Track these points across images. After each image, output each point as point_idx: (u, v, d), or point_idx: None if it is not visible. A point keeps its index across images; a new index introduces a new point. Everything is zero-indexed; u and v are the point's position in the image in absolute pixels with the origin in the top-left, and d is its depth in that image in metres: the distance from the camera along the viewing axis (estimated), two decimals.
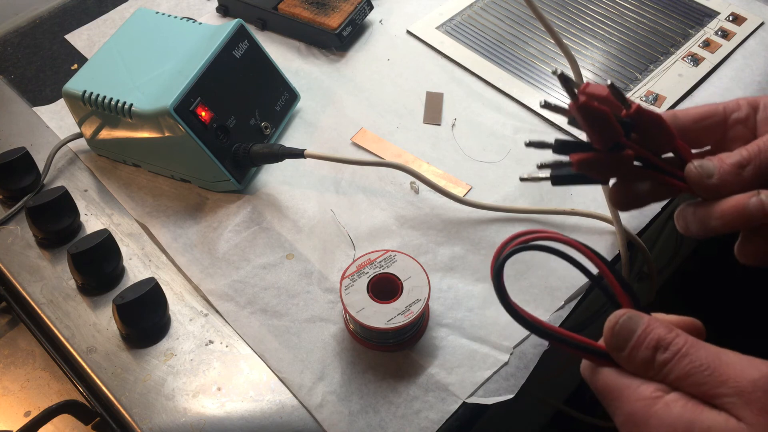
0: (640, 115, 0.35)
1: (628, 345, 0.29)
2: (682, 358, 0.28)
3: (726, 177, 0.34)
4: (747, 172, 0.34)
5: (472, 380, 0.53)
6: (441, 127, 0.69)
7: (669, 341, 0.29)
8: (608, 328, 0.30)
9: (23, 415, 0.52)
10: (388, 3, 0.82)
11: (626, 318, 0.30)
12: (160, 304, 0.55)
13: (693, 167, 0.35)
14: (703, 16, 0.79)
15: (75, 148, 0.68)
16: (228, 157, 0.62)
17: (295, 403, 0.52)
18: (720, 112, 0.38)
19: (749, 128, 0.37)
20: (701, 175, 0.35)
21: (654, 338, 0.29)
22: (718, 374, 0.27)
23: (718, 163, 0.35)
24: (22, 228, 0.62)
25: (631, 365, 0.29)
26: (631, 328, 0.29)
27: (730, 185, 0.34)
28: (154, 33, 0.65)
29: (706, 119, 0.37)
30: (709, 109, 0.38)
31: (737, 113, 0.37)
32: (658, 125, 0.35)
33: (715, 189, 0.34)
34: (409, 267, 0.53)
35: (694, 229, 0.35)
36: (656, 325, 0.29)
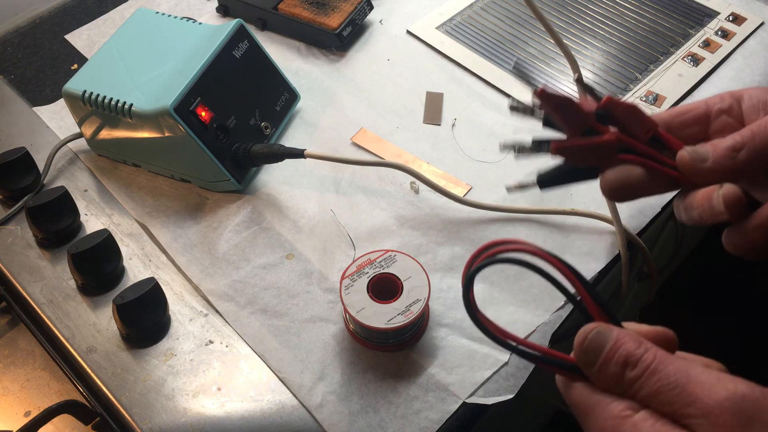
0: (613, 105, 0.34)
1: (598, 361, 0.29)
2: (651, 376, 0.27)
3: (720, 160, 0.34)
4: (741, 155, 0.33)
5: (472, 380, 0.53)
6: (441, 127, 0.69)
7: (638, 357, 0.28)
8: (578, 344, 0.29)
9: (23, 415, 0.52)
10: (388, 3, 0.82)
11: (595, 333, 0.29)
12: (160, 304, 0.55)
13: (686, 152, 0.35)
14: (703, 16, 0.79)
15: (75, 148, 0.68)
16: (228, 157, 0.62)
17: (295, 403, 0.52)
18: (701, 106, 0.37)
19: (735, 118, 0.37)
20: (695, 159, 0.34)
21: (623, 354, 0.28)
22: (686, 393, 0.26)
23: (712, 147, 0.34)
24: (22, 228, 0.62)
25: (602, 381, 0.29)
26: (600, 343, 0.29)
27: (724, 170, 0.34)
28: (154, 33, 0.65)
29: (688, 112, 0.37)
30: (691, 104, 0.38)
31: (720, 104, 0.37)
32: (634, 114, 0.35)
33: (710, 173, 0.34)
34: (409, 267, 0.53)
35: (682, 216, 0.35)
36: (625, 340, 0.28)
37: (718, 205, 0.33)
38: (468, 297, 0.30)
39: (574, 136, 0.34)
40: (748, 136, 0.34)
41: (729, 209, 0.33)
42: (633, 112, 0.35)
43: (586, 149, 0.34)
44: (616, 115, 0.35)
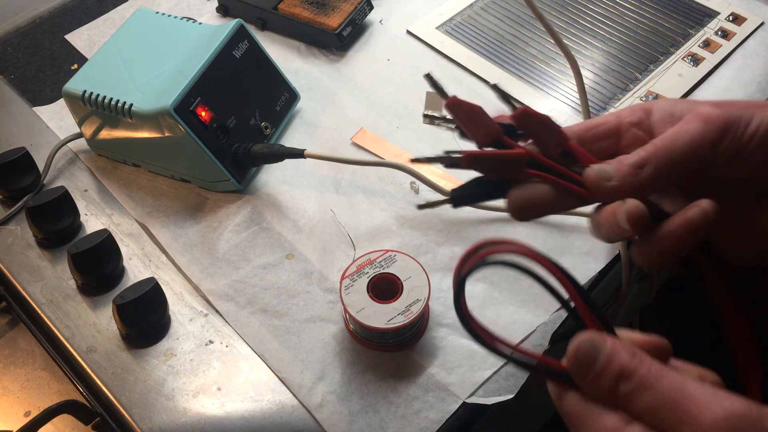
0: (527, 116, 0.34)
1: (591, 372, 0.28)
2: (645, 390, 0.26)
3: (625, 178, 0.33)
4: (645, 172, 0.33)
5: (472, 380, 0.53)
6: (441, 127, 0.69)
7: (632, 370, 0.27)
8: (571, 354, 0.28)
9: (23, 415, 0.52)
10: (388, 3, 0.82)
11: (588, 343, 0.28)
12: (160, 304, 0.55)
13: (591, 170, 0.34)
14: (703, 16, 0.79)
15: (75, 148, 0.68)
16: (228, 157, 0.62)
17: (295, 403, 0.52)
18: (612, 119, 0.37)
19: (645, 131, 0.36)
20: (600, 178, 0.34)
21: (616, 367, 0.27)
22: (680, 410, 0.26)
23: (616, 165, 0.33)
24: (22, 228, 0.62)
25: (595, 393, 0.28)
26: (593, 354, 0.28)
27: (630, 187, 0.33)
28: (154, 33, 0.65)
29: (600, 126, 0.37)
30: (602, 118, 0.37)
31: (630, 117, 0.36)
32: (546, 126, 0.34)
33: (616, 192, 0.33)
34: (409, 267, 0.53)
35: (594, 233, 0.35)
36: (619, 351, 0.27)
37: (622, 222, 0.32)
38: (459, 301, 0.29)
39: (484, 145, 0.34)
40: (651, 152, 0.33)
41: (632, 225, 0.32)
42: (545, 124, 0.34)
43: (494, 161, 0.33)
44: (528, 127, 0.34)
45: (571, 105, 0.71)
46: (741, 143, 0.33)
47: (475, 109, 0.33)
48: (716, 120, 0.33)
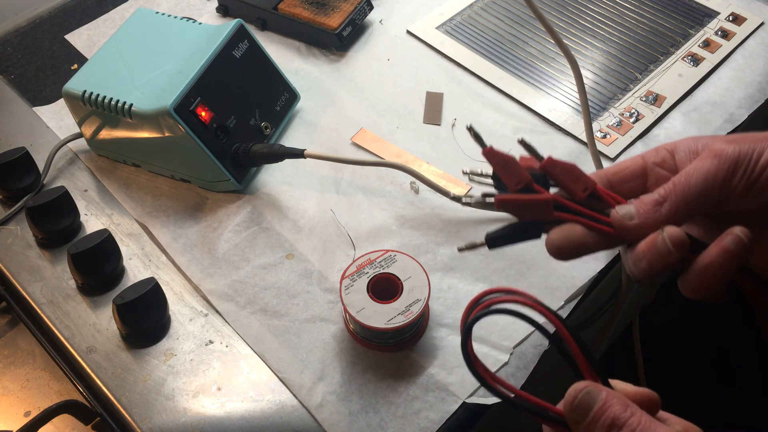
0: (553, 165, 0.37)
1: (585, 420, 0.30)
2: None
3: (646, 216, 0.35)
4: (664, 209, 0.35)
5: (472, 380, 0.53)
6: (441, 127, 0.69)
7: (623, 421, 0.29)
8: (567, 401, 0.31)
9: (23, 415, 0.52)
10: (388, 3, 0.82)
11: (585, 393, 0.31)
12: (160, 304, 0.55)
13: (615, 212, 0.36)
14: (703, 16, 0.79)
15: (75, 148, 0.68)
16: (228, 157, 0.62)
17: (295, 403, 0.52)
18: (638, 161, 0.39)
19: (669, 170, 0.38)
20: (623, 218, 0.36)
21: (609, 416, 0.30)
22: None
23: (638, 204, 0.36)
24: (22, 228, 0.62)
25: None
26: (588, 403, 0.30)
27: (651, 224, 0.35)
28: (154, 33, 0.65)
29: (626, 169, 0.39)
30: (629, 161, 0.39)
31: (654, 158, 0.38)
32: (571, 172, 0.37)
33: (638, 230, 0.35)
34: (409, 267, 0.53)
35: (633, 271, 0.36)
36: (613, 402, 0.30)
37: (664, 248, 0.34)
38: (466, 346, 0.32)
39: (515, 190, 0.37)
40: (670, 189, 0.35)
41: (677, 248, 0.34)
42: (570, 171, 0.37)
43: (524, 204, 0.36)
44: (555, 174, 0.37)
45: (571, 105, 0.71)
46: (753, 176, 0.34)
47: (508, 159, 0.36)
48: (729, 156, 0.34)
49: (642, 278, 0.36)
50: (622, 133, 0.68)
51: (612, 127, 0.69)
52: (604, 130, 0.69)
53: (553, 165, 0.37)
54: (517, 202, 0.36)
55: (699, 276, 0.34)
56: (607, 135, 0.68)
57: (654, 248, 0.34)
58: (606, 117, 0.70)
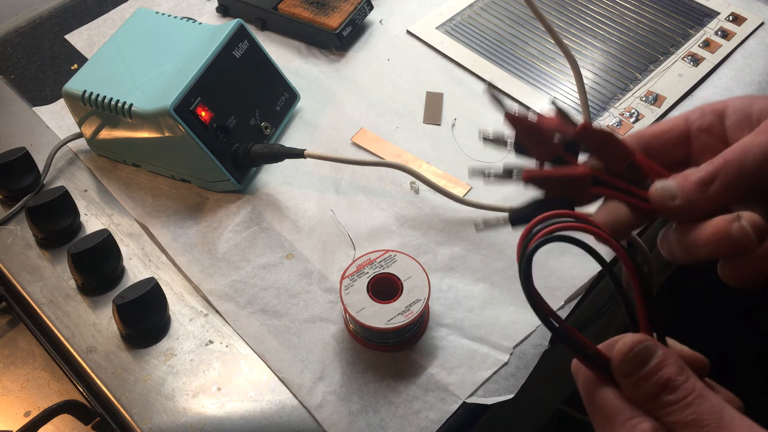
0: (587, 133, 0.33)
1: (637, 374, 0.28)
2: (686, 407, 0.27)
3: (690, 196, 0.31)
4: (713, 189, 0.31)
5: (472, 380, 0.53)
6: (441, 127, 0.69)
7: (678, 384, 0.28)
8: (621, 352, 0.29)
9: (23, 415, 0.52)
10: (388, 3, 0.82)
11: (642, 347, 0.29)
12: (160, 304, 0.55)
13: (655, 189, 0.32)
14: (703, 16, 0.79)
15: (75, 148, 0.68)
16: (228, 157, 0.62)
17: (295, 403, 0.52)
18: (681, 124, 0.35)
19: (716, 137, 0.34)
20: (663, 197, 0.32)
21: (664, 377, 0.28)
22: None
23: (681, 181, 0.32)
24: (22, 228, 0.62)
25: (634, 393, 0.29)
26: (644, 358, 0.28)
27: (697, 206, 0.31)
28: (154, 33, 0.65)
29: (666, 133, 0.35)
30: (670, 123, 0.35)
31: (700, 122, 0.34)
32: (609, 142, 0.33)
33: (682, 211, 0.32)
34: (409, 267, 0.53)
35: (681, 256, 0.32)
36: (669, 362, 0.28)
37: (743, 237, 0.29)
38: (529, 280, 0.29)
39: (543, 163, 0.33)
40: (720, 166, 0.31)
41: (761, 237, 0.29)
42: (608, 140, 0.33)
43: (557, 180, 0.33)
44: (590, 143, 0.33)
45: (571, 105, 0.71)
46: None
47: (535, 125, 0.32)
48: None
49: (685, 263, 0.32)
50: (622, 133, 0.68)
51: (612, 127, 0.69)
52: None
53: (588, 133, 0.33)
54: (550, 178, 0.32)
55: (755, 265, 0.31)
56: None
57: (725, 236, 0.30)
58: (606, 117, 0.70)
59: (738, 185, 0.31)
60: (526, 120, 0.32)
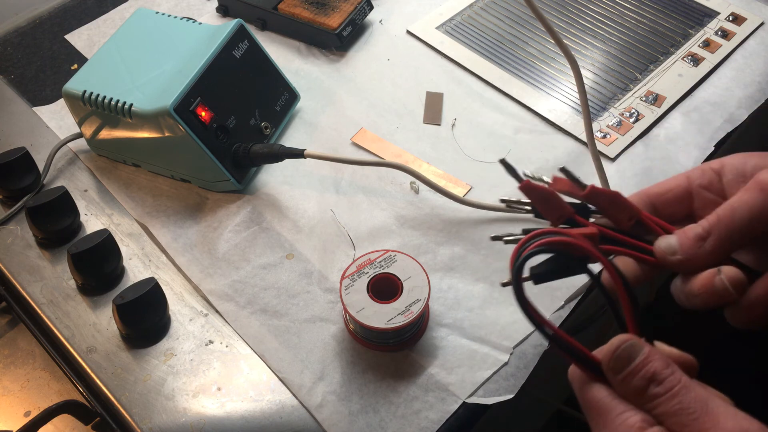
0: (596, 194, 0.35)
1: (625, 370, 0.30)
2: (672, 397, 0.29)
3: (688, 252, 0.34)
4: (708, 244, 0.34)
5: (472, 380, 0.53)
6: (441, 127, 0.69)
7: (664, 377, 0.29)
8: (609, 350, 0.31)
9: (23, 415, 0.52)
10: (388, 3, 0.82)
11: (629, 344, 0.31)
12: (160, 304, 0.55)
13: (658, 245, 0.35)
14: (703, 16, 0.79)
15: (75, 148, 0.68)
16: (228, 157, 0.62)
17: (295, 403, 0.52)
18: (683, 183, 0.38)
19: (716, 193, 0.37)
20: (665, 252, 0.35)
21: (650, 370, 0.30)
22: (702, 421, 0.28)
23: (681, 238, 0.34)
24: (22, 228, 0.62)
25: (623, 389, 0.30)
26: (631, 354, 0.30)
27: (695, 259, 0.34)
28: (154, 33, 0.65)
29: (670, 191, 0.38)
30: (673, 181, 0.38)
31: (700, 180, 0.37)
32: (615, 202, 0.36)
33: (682, 265, 0.34)
34: (409, 267, 0.53)
35: (686, 304, 0.35)
36: (655, 358, 0.30)
37: (723, 289, 0.33)
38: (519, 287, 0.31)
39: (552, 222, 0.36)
40: (714, 223, 0.34)
41: (737, 290, 0.33)
42: (615, 200, 0.36)
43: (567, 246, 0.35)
44: (599, 203, 0.36)
45: (571, 105, 0.71)
46: None
47: (547, 192, 0.35)
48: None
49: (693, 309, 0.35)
50: (622, 133, 0.68)
51: (612, 127, 0.69)
52: (604, 130, 0.69)
53: (596, 194, 0.35)
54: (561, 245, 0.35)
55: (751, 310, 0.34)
56: (607, 135, 0.68)
57: (711, 288, 0.33)
58: (606, 117, 0.70)
59: (730, 239, 0.34)
60: (539, 188, 0.35)
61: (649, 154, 0.67)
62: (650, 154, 0.67)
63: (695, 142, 0.68)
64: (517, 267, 0.31)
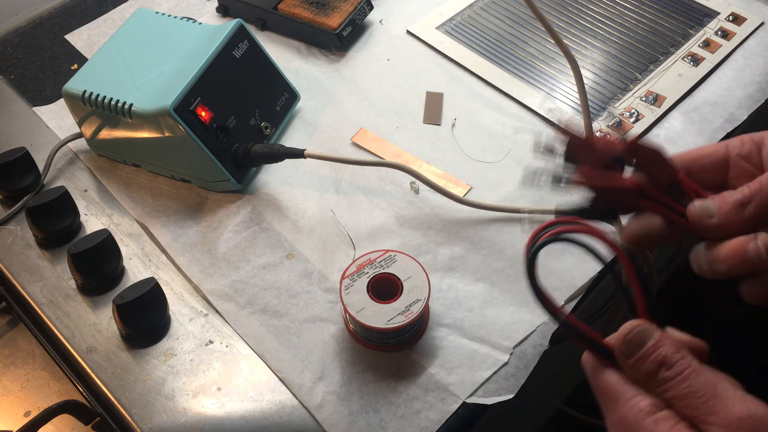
0: (637, 148, 0.35)
1: (636, 355, 0.31)
2: (682, 381, 0.29)
3: (727, 216, 0.34)
4: (748, 211, 0.33)
5: (472, 380, 0.53)
6: (441, 127, 0.69)
7: (674, 361, 0.30)
8: (621, 335, 0.31)
9: (23, 415, 0.52)
10: (388, 3, 0.82)
11: (640, 329, 0.31)
12: (160, 304, 0.55)
13: (694, 207, 0.35)
14: (703, 16, 0.79)
15: (75, 148, 0.68)
16: (228, 157, 0.62)
17: (295, 403, 0.52)
18: (721, 150, 0.37)
19: (754, 164, 0.36)
20: (701, 215, 0.34)
21: (661, 354, 0.30)
22: (711, 404, 0.29)
23: (719, 202, 0.34)
24: (22, 228, 0.62)
25: (634, 374, 0.31)
26: (642, 339, 0.31)
27: (732, 225, 0.34)
28: (154, 33, 0.65)
29: (707, 157, 0.37)
30: (711, 148, 0.38)
31: (739, 149, 0.37)
32: (656, 158, 0.35)
33: (717, 229, 0.34)
34: (409, 267, 0.53)
35: (706, 271, 0.35)
36: (666, 342, 0.31)
37: (757, 256, 0.32)
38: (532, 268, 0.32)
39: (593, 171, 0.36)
40: (756, 189, 0.34)
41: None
42: (656, 157, 0.35)
43: (605, 191, 0.35)
44: (638, 158, 0.35)
45: (571, 105, 0.71)
46: None
47: (586, 140, 0.35)
48: None
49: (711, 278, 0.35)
50: (622, 133, 0.68)
51: (612, 127, 0.69)
52: (604, 130, 0.69)
53: (636, 148, 0.35)
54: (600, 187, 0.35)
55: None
56: (607, 135, 0.68)
57: (742, 254, 0.33)
58: (606, 117, 0.70)
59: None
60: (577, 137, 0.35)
61: None
62: None
63: (695, 142, 0.68)
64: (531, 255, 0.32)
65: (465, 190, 0.64)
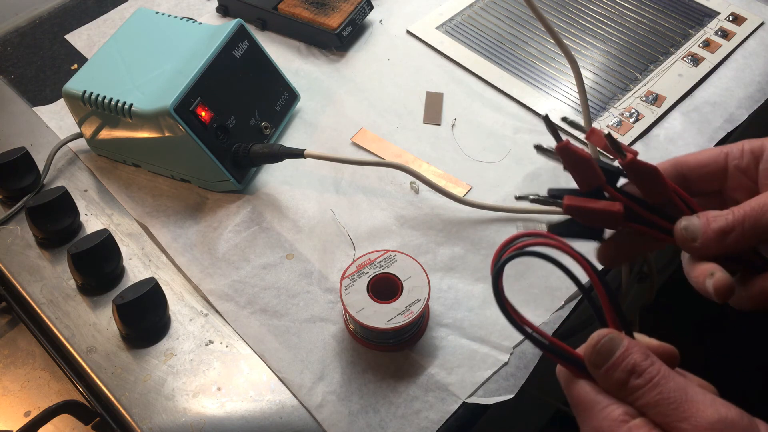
0: (636, 166, 0.36)
1: (606, 364, 0.31)
2: (653, 388, 0.29)
3: (709, 243, 0.35)
4: (730, 239, 0.34)
5: (472, 380, 0.53)
6: (441, 127, 0.69)
7: (644, 368, 0.30)
8: (590, 345, 0.31)
9: (23, 415, 0.52)
10: (388, 3, 0.82)
11: (608, 338, 0.31)
12: (160, 304, 0.55)
13: (679, 228, 0.36)
14: (703, 16, 0.79)
15: (75, 148, 0.68)
16: (228, 157, 0.62)
17: (295, 403, 0.52)
18: (721, 160, 0.38)
19: (750, 178, 0.37)
20: (686, 238, 0.35)
21: (630, 363, 0.30)
22: (682, 410, 0.29)
23: (703, 226, 0.35)
24: (22, 228, 0.62)
25: (606, 383, 0.31)
26: (611, 348, 0.31)
27: (714, 251, 0.35)
28: (154, 33, 0.65)
29: (706, 166, 0.38)
30: (710, 155, 0.38)
31: (738, 161, 0.37)
32: (652, 178, 0.36)
33: (698, 252, 0.35)
34: (409, 267, 0.53)
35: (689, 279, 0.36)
36: (634, 350, 0.31)
37: (709, 288, 0.34)
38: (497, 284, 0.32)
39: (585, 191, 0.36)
40: (739, 219, 0.34)
41: (719, 297, 0.34)
42: (652, 177, 0.36)
43: (594, 212, 0.35)
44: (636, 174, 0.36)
45: (571, 105, 0.71)
46: None
47: (581, 159, 0.35)
48: None
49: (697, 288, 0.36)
50: (622, 133, 0.68)
51: (612, 127, 0.69)
52: (604, 131, 0.69)
53: (635, 166, 0.36)
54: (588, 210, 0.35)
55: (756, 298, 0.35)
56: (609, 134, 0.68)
57: (702, 281, 0.34)
58: (606, 117, 0.70)
59: (754, 237, 0.34)
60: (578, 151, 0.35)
61: (649, 155, 0.67)
62: (650, 155, 0.67)
63: (695, 142, 0.68)
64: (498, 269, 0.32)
65: (465, 190, 0.64)
